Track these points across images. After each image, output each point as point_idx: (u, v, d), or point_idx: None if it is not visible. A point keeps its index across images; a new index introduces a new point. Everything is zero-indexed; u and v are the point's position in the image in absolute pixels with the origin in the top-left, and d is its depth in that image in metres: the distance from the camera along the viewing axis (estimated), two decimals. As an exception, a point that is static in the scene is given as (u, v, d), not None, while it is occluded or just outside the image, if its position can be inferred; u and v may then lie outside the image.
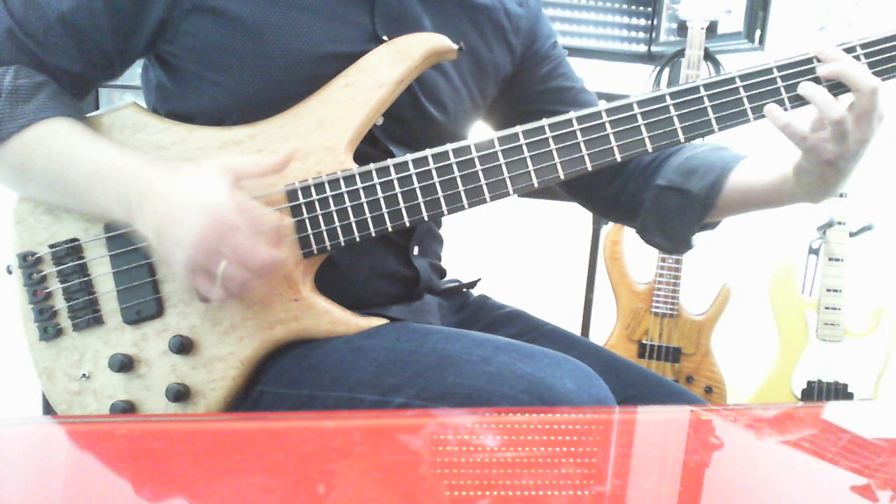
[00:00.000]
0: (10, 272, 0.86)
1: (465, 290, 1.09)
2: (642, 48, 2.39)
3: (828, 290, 1.94)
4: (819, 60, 0.82)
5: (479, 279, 1.11)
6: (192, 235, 0.73)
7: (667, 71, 2.14)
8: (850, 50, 0.81)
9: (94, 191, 0.79)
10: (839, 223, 1.92)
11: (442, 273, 1.07)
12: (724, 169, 0.93)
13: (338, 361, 0.82)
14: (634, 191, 1.00)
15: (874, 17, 1.74)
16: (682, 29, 1.99)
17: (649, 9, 2.36)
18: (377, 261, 0.93)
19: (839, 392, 1.96)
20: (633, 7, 2.38)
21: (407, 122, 0.90)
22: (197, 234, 0.73)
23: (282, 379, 0.84)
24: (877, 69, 0.81)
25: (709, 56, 2.00)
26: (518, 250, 2.41)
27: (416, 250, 0.97)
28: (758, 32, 1.99)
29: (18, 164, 0.82)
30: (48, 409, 0.86)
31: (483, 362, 0.76)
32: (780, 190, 0.90)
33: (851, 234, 1.93)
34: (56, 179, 0.81)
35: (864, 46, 0.81)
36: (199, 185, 0.75)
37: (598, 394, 0.75)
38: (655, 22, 2.28)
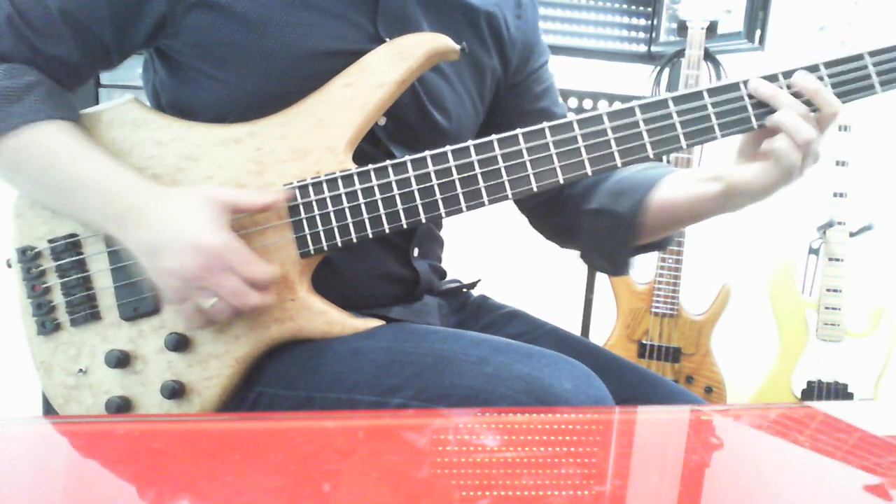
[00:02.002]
0: (9, 266, 0.86)
1: (464, 290, 1.09)
2: (642, 48, 2.39)
3: (828, 290, 1.94)
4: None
5: (479, 280, 1.11)
6: (184, 271, 0.75)
7: (667, 71, 2.14)
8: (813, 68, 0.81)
9: (86, 203, 0.80)
10: (839, 223, 1.92)
11: (442, 274, 1.07)
12: (648, 187, 0.92)
13: (336, 363, 0.81)
14: (573, 216, 1.00)
15: (874, 17, 1.74)
16: (682, 29, 1.99)
17: (649, 9, 2.36)
18: (377, 262, 0.93)
19: (839, 392, 1.96)
20: (633, 7, 2.38)
21: (410, 125, 0.90)
22: (188, 271, 0.75)
23: (280, 380, 0.84)
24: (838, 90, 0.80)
25: (709, 56, 2.00)
26: (518, 250, 2.40)
27: (415, 252, 0.97)
28: (758, 32, 1.99)
29: (10, 165, 0.81)
30: (47, 402, 0.86)
31: (481, 363, 0.76)
32: (703, 205, 0.89)
33: (851, 234, 1.93)
34: (47, 184, 0.81)
35: (871, 55, 0.81)
36: (197, 219, 0.76)
37: (595, 394, 0.75)
38: (655, 22, 2.28)
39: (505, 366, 0.75)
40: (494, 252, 2.34)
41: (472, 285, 1.10)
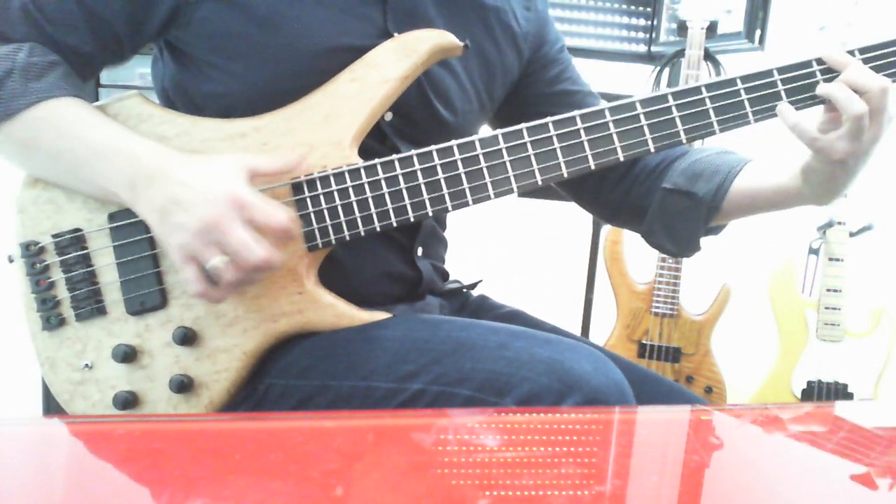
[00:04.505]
0: (11, 261, 0.85)
1: (465, 290, 1.09)
2: (642, 48, 2.39)
3: (828, 290, 1.94)
4: (821, 63, 0.82)
5: (480, 280, 1.11)
6: (194, 221, 0.73)
7: (667, 71, 2.14)
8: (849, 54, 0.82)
9: (101, 167, 0.79)
10: (839, 223, 1.92)
11: (445, 275, 1.07)
12: (731, 172, 0.94)
13: (350, 351, 0.82)
14: (642, 194, 1.01)
15: (874, 17, 1.75)
16: (682, 29, 2.00)
17: (649, 9, 2.36)
18: (381, 261, 0.93)
19: (839, 392, 1.97)
20: (633, 7, 2.39)
21: (416, 119, 0.90)
22: (200, 221, 0.73)
23: (291, 370, 0.84)
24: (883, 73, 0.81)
25: (709, 56, 2.00)
26: (518, 250, 2.41)
27: (419, 251, 0.97)
28: (758, 32, 2.00)
29: (26, 138, 0.81)
30: (48, 397, 0.86)
31: (500, 347, 0.77)
32: (787, 192, 0.90)
33: (851, 234, 1.93)
34: (62, 153, 0.80)
35: (862, 51, 0.82)
36: (213, 174, 0.75)
37: (614, 376, 0.76)
38: (655, 22, 2.28)
39: (525, 350, 0.76)
40: (494, 252, 2.34)
41: (473, 286, 1.11)
